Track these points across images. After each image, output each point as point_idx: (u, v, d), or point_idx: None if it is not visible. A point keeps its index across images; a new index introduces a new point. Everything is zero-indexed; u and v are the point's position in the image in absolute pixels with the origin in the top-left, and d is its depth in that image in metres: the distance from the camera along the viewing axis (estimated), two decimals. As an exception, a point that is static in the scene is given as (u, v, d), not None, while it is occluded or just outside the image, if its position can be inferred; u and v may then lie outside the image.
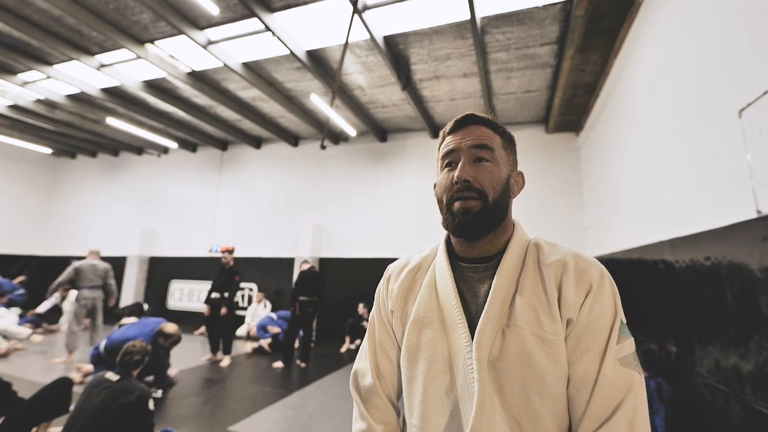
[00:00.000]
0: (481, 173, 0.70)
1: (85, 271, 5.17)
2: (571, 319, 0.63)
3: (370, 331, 0.84)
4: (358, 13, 3.69)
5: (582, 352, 0.62)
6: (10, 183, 9.42)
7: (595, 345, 0.62)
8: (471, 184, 0.68)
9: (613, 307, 0.64)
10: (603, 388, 0.60)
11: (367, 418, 0.76)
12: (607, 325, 0.63)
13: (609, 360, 0.61)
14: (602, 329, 0.62)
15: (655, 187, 3.03)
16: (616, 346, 0.61)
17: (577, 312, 0.63)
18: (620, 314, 0.64)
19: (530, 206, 6.03)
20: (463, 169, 0.69)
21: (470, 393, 0.63)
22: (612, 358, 0.61)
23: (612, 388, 0.59)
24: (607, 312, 0.63)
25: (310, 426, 3.10)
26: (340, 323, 6.53)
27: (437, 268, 0.77)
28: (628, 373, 0.60)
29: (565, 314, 0.64)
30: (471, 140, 0.71)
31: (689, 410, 2.45)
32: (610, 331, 0.62)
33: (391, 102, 6.12)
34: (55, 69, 5.51)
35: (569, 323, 0.64)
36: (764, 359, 1.73)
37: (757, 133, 1.74)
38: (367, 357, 0.82)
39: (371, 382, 0.78)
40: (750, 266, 1.81)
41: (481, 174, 0.70)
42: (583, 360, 0.62)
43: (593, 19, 3.46)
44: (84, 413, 2.12)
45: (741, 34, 1.87)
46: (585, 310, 0.63)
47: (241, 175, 8.43)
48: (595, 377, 0.60)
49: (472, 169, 0.70)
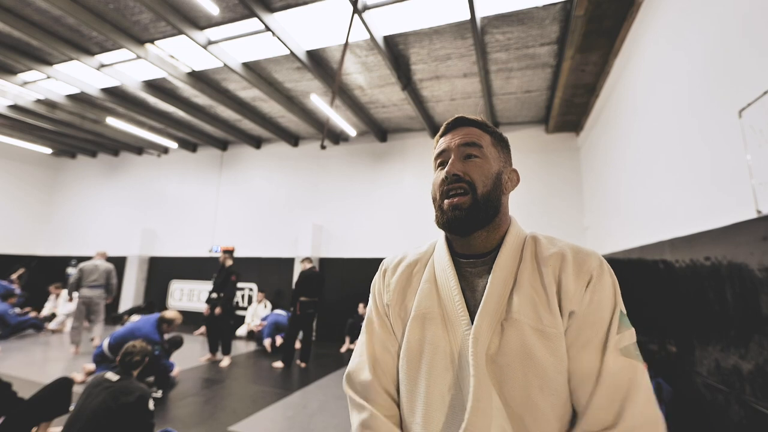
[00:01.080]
0: (470, 167, 0.72)
1: (87, 271, 5.40)
2: (574, 311, 0.63)
3: (367, 325, 0.81)
4: (358, 13, 3.69)
5: (583, 344, 0.62)
6: (10, 183, 9.42)
7: (596, 336, 0.62)
8: (461, 177, 0.70)
9: (612, 297, 0.64)
10: (606, 380, 0.60)
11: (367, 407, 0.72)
12: (607, 316, 0.63)
13: (610, 351, 0.61)
14: (602, 320, 0.63)
15: (655, 187, 3.03)
16: (617, 336, 0.62)
17: (578, 304, 0.63)
18: (620, 304, 0.65)
19: (530, 206, 6.03)
20: (453, 165, 0.72)
21: (469, 388, 0.63)
22: (613, 349, 0.61)
23: (615, 381, 0.59)
24: (606, 302, 0.64)
25: (310, 426, 3.10)
26: (340, 323, 6.52)
27: (437, 264, 0.77)
28: (630, 363, 0.61)
29: (567, 306, 0.64)
30: (459, 139, 0.74)
31: (689, 410, 2.45)
32: (610, 322, 0.63)
33: (391, 102, 6.12)
34: (55, 69, 5.51)
35: (571, 315, 0.64)
36: (764, 359, 1.73)
37: (757, 133, 1.74)
38: (364, 351, 0.78)
39: (368, 377, 0.74)
40: (750, 266, 1.81)
41: (471, 168, 0.72)
42: (584, 352, 0.62)
43: (593, 19, 3.46)
44: (84, 413, 2.12)
45: (741, 34, 1.87)
46: (585, 301, 0.63)
47: (241, 175, 8.43)
48: (597, 370, 0.61)
49: (462, 164, 0.72)
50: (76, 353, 5.14)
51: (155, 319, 4.04)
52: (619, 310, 0.64)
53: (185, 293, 8.26)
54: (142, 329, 3.88)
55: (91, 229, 9.61)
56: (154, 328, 3.94)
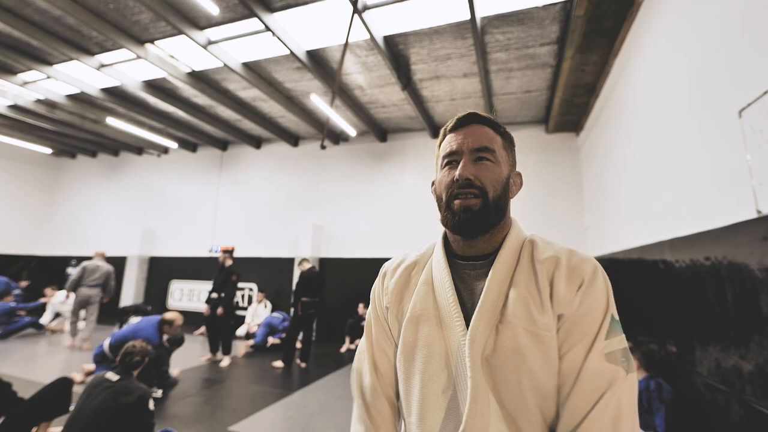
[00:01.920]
0: (482, 172, 0.70)
1: (89, 270, 5.62)
2: (563, 314, 0.63)
3: (367, 329, 0.85)
4: (358, 13, 3.69)
5: (570, 345, 0.62)
6: (10, 183, 9.42)
7: (584, 339, 0.62)
8: (472, 182, 0.69)
9: (604, 301, 0.64)
10: (584, 380, 0.59)
11: (365, 422, 0.77)
12: (597, 320, 0.63)
13: (594, 354, 0.60)
14: (591, 323, 0.62)
15: (655, 187, 3.03)
16: (604, 341, 0.61)
17: (568, 307, 0.63)
18: (612, 310, 0.64)
19: (530, 206, 6.03)
20: (465, 168, 0.70)
21: (466, 390, 0.63)
22: (598, 352, 0.60)
23: (593, 382, 0.59)
24: (597, 306, 0.63)
25: (310, 426, 3.10)
26: (340, 323, 6.52)
27: (434, 266, 0.77)
28: (613, 368, 0.60)
29: (556, 309, 0.64)
30: (472, 141, 0.72)
31: (689, 410, 2.45)
32: (599, 326, 0.62)
33: (391, 102, 6.12)
34: (55, 69, 5.51)
35: (560, 318, 0.64)
36: (764, 359, 1.73)
37: (757, 133, 1.74)
38: (365, 357, 0.82)
39: (371, 381, 0.79)
40: (750, 266, 1.81)
41: (482, 173, 0.70)
42: (570, 353, 0.62)
43: (593, 19, 3.46)
44: (84, 413, 2.12)
45: (741, 34, 1.87)
46: (575, 304, 0.63)
47: (241, 175, 8.43)
48: (578, 369, 0.60)
49: (473, 167, 0.70)
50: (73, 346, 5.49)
51: (156, 321, 4.05)
52: (610, 315, 0.63)
53: (185, 293, 8.26)
54: (144, 331, 3.89)
55: (91, 229, 9.61)
56: (155, 329, 3.96)
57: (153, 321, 4.07)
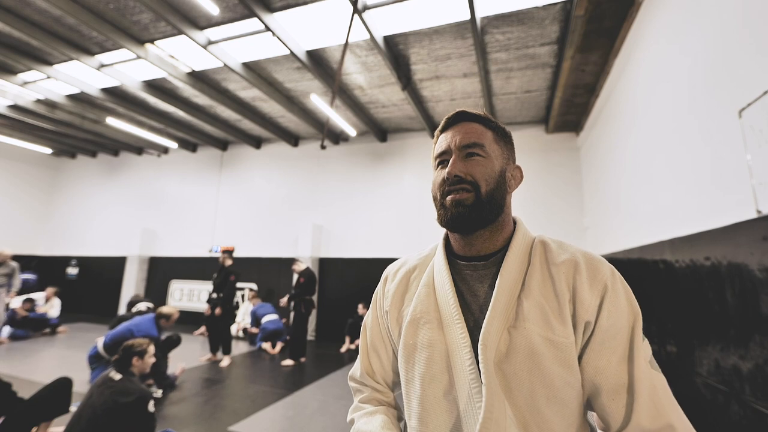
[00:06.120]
0: (472, 167, 0.69)
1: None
2: (589, 322, 0.62)
3: (363, 333, 0.86)
4: (358, 13, 3.69)
5: (608, 357, 0.61)
6: (10, 183, 9.42)
7: (619, 348, 0.61)
8: (462, 178, 0.68)
9: (629, 306, 0.63)
10: (643, 393, 0.59)
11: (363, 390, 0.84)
12: (628, 326, 0.62)
13: (640, 363, 0.60)
14: (622, 330, 0.62)
15: (655, 187, 3.03)
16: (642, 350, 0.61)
17: (595, 314, 0.62)
18: (638, 313, 0.64)
19: (530, 206, 6.03)
20: (454, 165, 0.69)
21: (470, 394, 0.62)
22: (643, 361, 0.60)
23: (653, 394, 0.59)
24: (624, 312, 0.62)
25: (310, 426, 3.10)
26: (340, 323, 6.53)
27: (435, 267, 0.76)
28: (658, 376, 0.61)
29: (582, 316, 0.62)
30: (460, 139, 0.71)
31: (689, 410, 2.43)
32: (632, 332, 0.62)
33: (391, 102, 6.12)
34: (55, 69, 5.51)
35: (587, 326, 0.62)
36: (764, 359, 1.73)
37: (757, 133, 1.74)
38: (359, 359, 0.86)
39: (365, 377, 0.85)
40: (750, 266, 1.81)
41: (473, 168, 0.69)
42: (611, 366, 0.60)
43: (593, 19, 3.46)
44: (87, 412, 2.13)
45: (741, 33, 1.87)
46: (604, 313, 0.62)
47: (241, 175, 8.43)
48: (627, 381, 0.60)
49: (463, 164, 0.69)
50: None
51: (152, 316, 4.02)
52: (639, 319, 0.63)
53: (185, 293, 8.26)
54: (141, 326, 3.84)
55: (90, 229, 9.61)
56: (153, 324, 3.91)
57: (149, 317, 4.02)
